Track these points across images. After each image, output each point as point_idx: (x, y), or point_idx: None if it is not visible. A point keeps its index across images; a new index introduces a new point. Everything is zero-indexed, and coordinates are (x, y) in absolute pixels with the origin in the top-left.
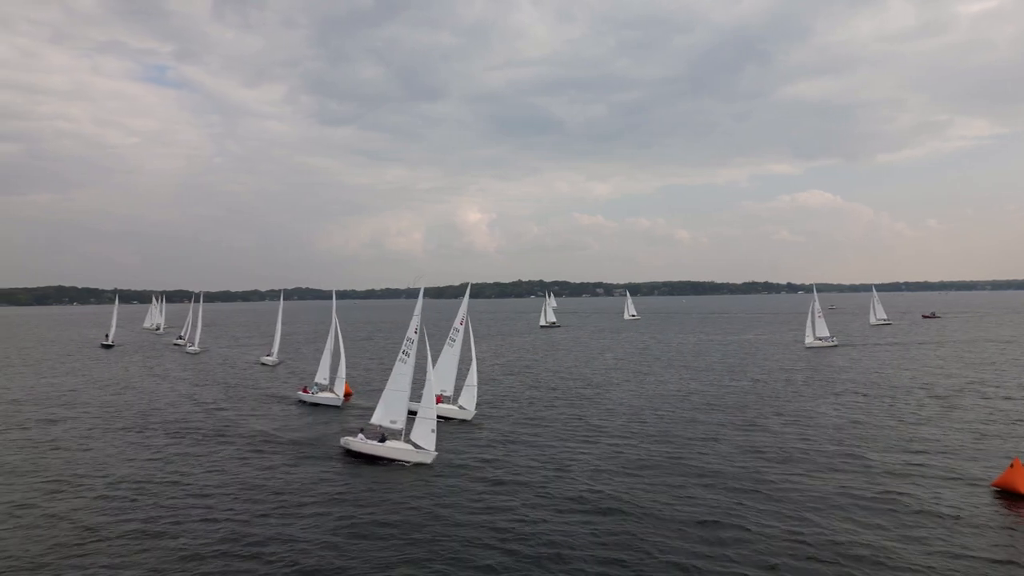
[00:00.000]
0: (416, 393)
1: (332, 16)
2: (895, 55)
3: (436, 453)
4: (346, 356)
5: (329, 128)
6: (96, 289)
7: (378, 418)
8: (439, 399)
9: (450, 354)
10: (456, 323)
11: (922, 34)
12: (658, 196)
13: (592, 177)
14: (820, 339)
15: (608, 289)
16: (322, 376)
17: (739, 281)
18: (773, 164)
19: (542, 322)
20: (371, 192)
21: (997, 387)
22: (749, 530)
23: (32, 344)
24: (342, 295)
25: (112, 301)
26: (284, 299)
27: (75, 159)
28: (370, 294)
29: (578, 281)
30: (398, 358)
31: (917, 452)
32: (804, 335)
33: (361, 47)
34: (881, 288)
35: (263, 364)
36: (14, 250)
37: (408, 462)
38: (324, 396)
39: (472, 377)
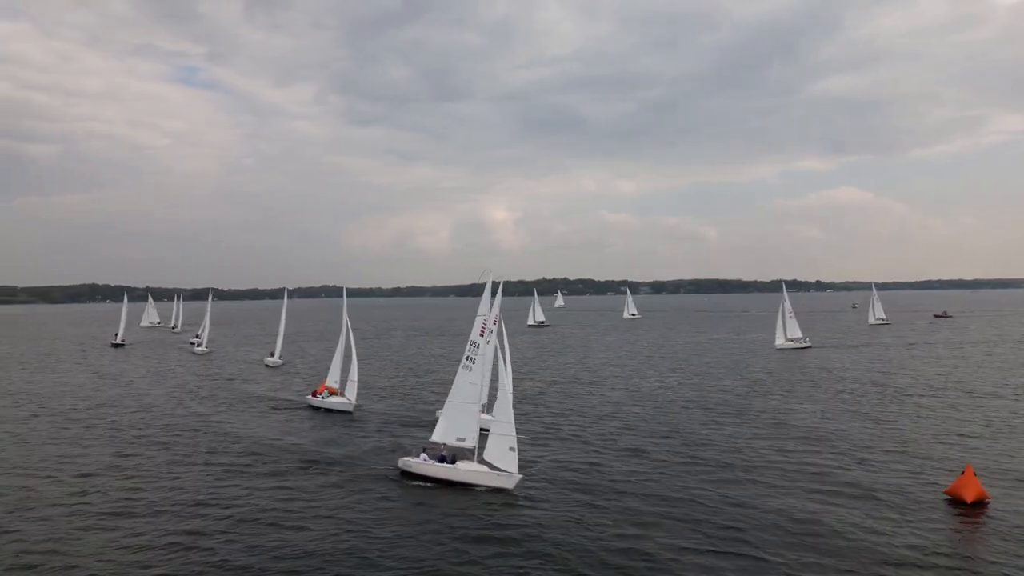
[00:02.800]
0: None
1: (360, 17)
2: (929, 49)
3: (520, 476)
4: (358, 357)
5: (357, 128)
6: (129, 287)
7: (440, 435)
8: None
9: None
10: (490, 323)
11: (956, 27)
12: (685, 193)
13: (619, 175)
14: (792, 340)
15: (634, 287)
16: (332, 379)
17: (767, 279)
18: (803, 161)
19: (530, 321)
20: (398, 191)
21: (984, 389)
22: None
23: (46, 342)
24: (368, 293)
25: (144, 299)
26: (311, 297)
27: (109, 160)
28: (396, 292)
29: (603, 279)
30: (461, 365)
31: (874, 453)
32: (775, 336)
33: (388, 48)
34: (914, 286)
35: (267, 366)
36: (49, 250)
37: (485, 487)
38: (335, 401)
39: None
